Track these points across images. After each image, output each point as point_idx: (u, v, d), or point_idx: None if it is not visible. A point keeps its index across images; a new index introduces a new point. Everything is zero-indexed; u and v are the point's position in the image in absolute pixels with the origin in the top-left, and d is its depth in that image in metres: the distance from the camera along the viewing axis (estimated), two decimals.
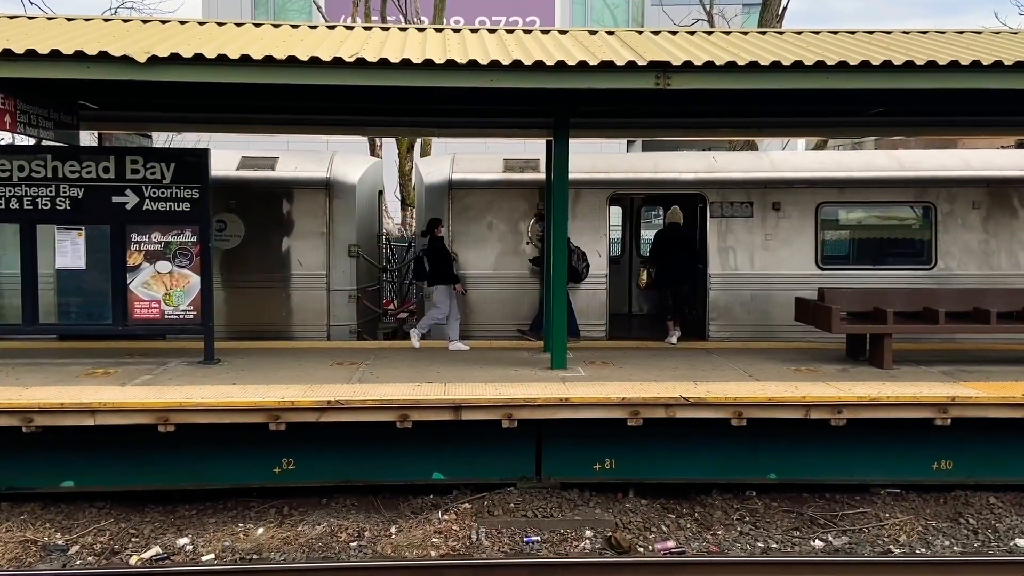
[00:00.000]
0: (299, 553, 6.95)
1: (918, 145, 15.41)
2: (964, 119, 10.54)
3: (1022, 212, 11.32)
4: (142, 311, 9.09)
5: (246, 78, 7.28)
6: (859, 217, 12.05)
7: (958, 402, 7.65)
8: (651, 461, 8.05)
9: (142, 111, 10.24)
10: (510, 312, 11.39)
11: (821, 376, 8.54)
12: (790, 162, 11.88)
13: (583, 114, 9.63)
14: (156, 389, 7.81)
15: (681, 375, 8.55)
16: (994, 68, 7.44)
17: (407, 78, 7.35)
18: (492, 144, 14.23)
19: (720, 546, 7.17)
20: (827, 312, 8.94)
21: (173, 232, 9.06)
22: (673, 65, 7.37)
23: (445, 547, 7.05)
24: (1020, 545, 7.22)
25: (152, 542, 7.17)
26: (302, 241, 11.41)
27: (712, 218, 11.34)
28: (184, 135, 16.81)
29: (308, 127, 10.91)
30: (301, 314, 11.40)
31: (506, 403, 7.52)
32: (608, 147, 20.46)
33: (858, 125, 11.00)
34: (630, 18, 29.57)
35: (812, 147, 19.47)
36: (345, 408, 7.41)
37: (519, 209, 11.42)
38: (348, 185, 11.62)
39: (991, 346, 10.40)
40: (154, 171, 8.99)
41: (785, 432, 7.89)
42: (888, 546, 7.21)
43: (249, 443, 7.75)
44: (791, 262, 11.29)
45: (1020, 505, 7.91)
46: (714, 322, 11.33)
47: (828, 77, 7.47)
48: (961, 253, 11.33)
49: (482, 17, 27.74)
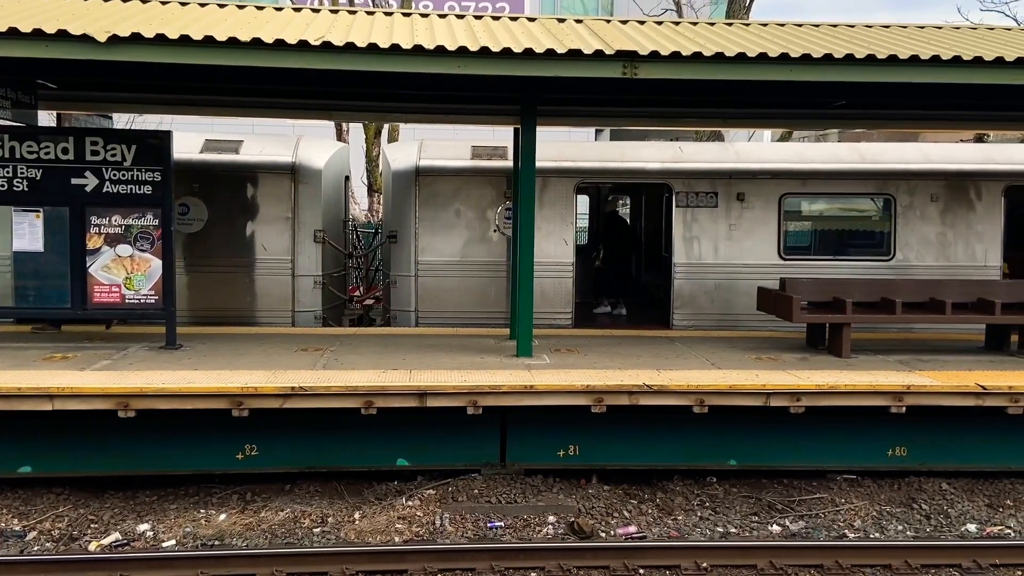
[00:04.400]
0: (262, 539, 6.92)
1: (880, 138, 15.68)
2: (924, 113, 10.71)
3: (978, 205, 11.57)
4: (102, 295, 8.95)
5: (210, 59, 7.17)
6: (821, 208, 12.23)
7: (913, 390, 7.83)
8: (614, 447, 8.14)
9: (103, 91, 10.05)
10: (477, 299, 11.39)
11: (781, 364, 8.68)
12: (754, 153, 12.01)
13: (551, 102, 9.64)
14: (116, 374, 7.70)
15: (645, 363, 8.64)
16: (953, 63, 7.59)
17: (374, 63, 7.29)
18: (460, 131, 14.16)
19: (680, 531, 7.28)
20: (788, 302, 9.08)
21: (134, 215, 8.92)
22: (640, 55, 7.41)
23: (409, 533, 7.07)
24: (971, 530, 7.42)
25: (112, 528, 7.10)
26: (267, 226, 11.30)
27: (677, 208, 11.44)
28: (145, 117, 16.52)
29: (273, 110, 10.79)
30: (265, 299, 11.31)
31: (471, 390, 7.54)
32: (576, 135, 20.50)
33: (821, 117, 11.16)
34: (599, 6, 29.59)
35: (777, 138, 19.69)
36: (309, 394, 7.38)
37: (487, 196, 11.41)
38: (314, 170, 11.52)
39: (946, 336, 10.65)
40: (115, 153, 8.83)
41: (745, 419, 8.02)
42: (843, 531, 7.38)
43: (211, 429, 7.68)
44: (754, 252, 11.44)
45: (971, 491, 8.13)
46: (678, 311, 11.45)
47: (792, 69, 7.56)
48: (919, 245, 11.57)
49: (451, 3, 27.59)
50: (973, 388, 7.84)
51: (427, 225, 11.36)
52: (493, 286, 11.39)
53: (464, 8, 26.72)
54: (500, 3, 28.24)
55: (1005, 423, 8.02)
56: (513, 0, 28.66)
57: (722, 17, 19.50)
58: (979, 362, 8.98)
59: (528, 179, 8.65)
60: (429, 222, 11.37)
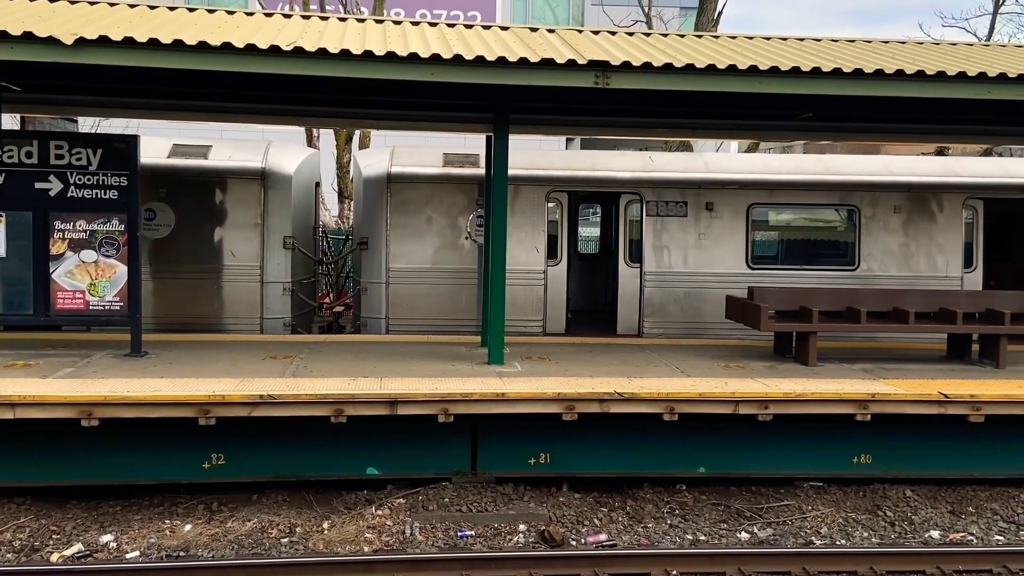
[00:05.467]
0: (228, 550, 6.82)
1: (844, 150, 15.94)
2: (888, 126, 10.92)
3: (940, 217, 11.82)
4: (65, 301, 8.79)
5: (178, 64, 7.09)
6: (788, 218, 12.42)
7: (878, 398, 7.95)
8: (585, 455, 8.16)
9: (68, 95, 9.87)
10: (449, 307, 11.38)
11: (750, 372, 8.77)
12: (723, 164, 12.16)
13: (523, 110, 9.67)
14: (80, 382, 7.56)
15: (615, 371, 8.68)
16: (917, 77, 7.74)
17: (346, 69, 7.26)
18: (432, 138, 14.14)
19: (650, 539, 7.31)
20: (756, 310, 9.19)
21: (99, 220, 8.78)
22: (612, 65, 7.48)
23: (378, 542, 7.02)
24: (934, 537, 7.54)
25: (74, 539, 6.96)
26: (235, 232, 11.19)
27: (648, 217, 11.54)
28: (112, 121, 16.25)
29: (243, 115, 10.68)
30: (233, 306, 11.19)
31: (443, 398, 7.52)
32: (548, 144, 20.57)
33: (788, 129, 11.32)
34: (570, 16, 29.79)
35: (745, 149, 19.94)
36: (278, 402, 7.31)
37: (459, 203, 11.42)
38: (284, 176, 11.44)
39: (910, 344, 10.84)
40: (80, 157, 8.69)
41: (715, 427, 8.09)
42: (810, 537, 7.46)
43: (177, 438, 7.57)
44: (723, 261, 11.57)
45: (934, 498, 8.27)
46: (648, 319, 11.53)
47: (761, 81, 7.67)
48: (883, 255, 11.78)
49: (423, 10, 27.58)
50: (936, 396, 7.98)
51: (398, 232, 11.33)
52: (465, 293, 11.38)
53: (436, 16, 26.75)
54: (472, 11, 28.30)
55: (967, 431, 8.17)
56: (485, 9, 28.75)
57: (691, 30, 19.74)
58: (941, 370, 9.15)
59: (500, 187, 8.67)
60: (400, 229, 11.33)
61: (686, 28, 24.08)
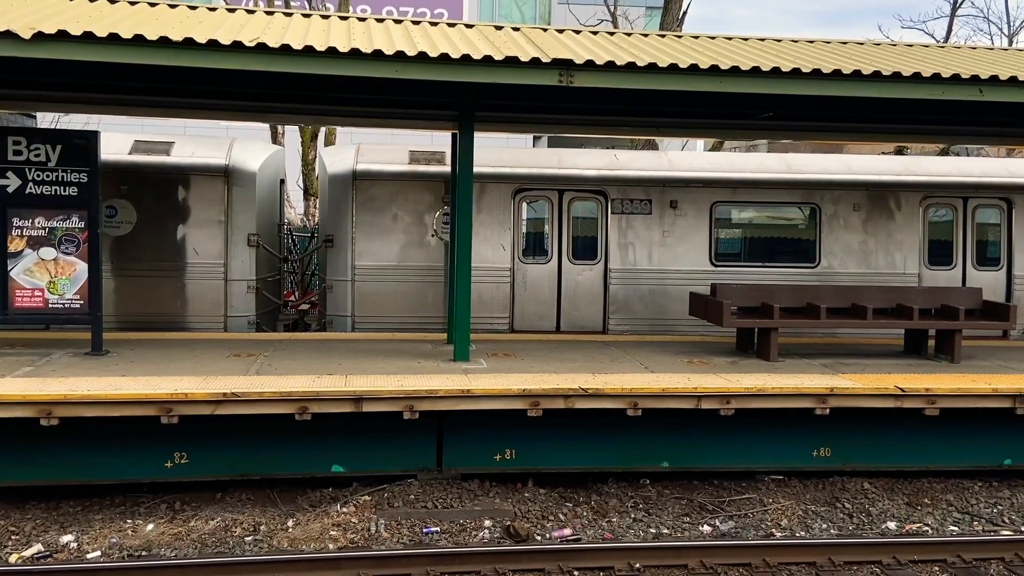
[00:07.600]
0: (191, 549, 6.78)
1: (806, 149, 16.19)
2: (847, 125, 11.10)
3: (898, 215, 12.06)
4: (24, 299, 8.65)
5: (140, 59, 7.01)
6: (750, 216, 12.58)
7: (836, 393, 8.11)
8: (550, 451, 8.22)
9: (26, 89, 9.69)
10: (415, 304, 11.37)
11: (712, 368, 8.89)
12: (687, 162, 12.29)
13: (489, 108, 9.69)
14: (39, 381, 7.45)
15: (580, 367, 8.75)
16: (873, 78, 7.90)
17: (310, 65, 7.23)
18: (398, 135, 14.11)
19: (615, 533, 7.39)
20: (719, 307, 9.32)
21: (59, 217, 8.65)
22: (576, 63, 7.53)
23: (344, 539, 7.01)
24: (891, 528, 7.72)
25: (34, 539, 6.86)
26: (199, 229, 11.08)
27: (613, 214, 11.63)
28: (71, 116, 16.00)
29: (207, 111, 10.55)
30: (197, 304, 11.08)
31: (408, 395, 7.53)
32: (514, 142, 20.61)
33: (751, 128, 11.44)
34: (536, 15, 29.83)
35: (709, 148, 20.15)
36: (242, 400, 7.26)
37: (425, 201, 11.41)
38: (248, 172, 11.35)
39: (868, 340, 11.06)
40: (38, 153, 8.56)
41: (678, 422, 8.19)
42: (771, 530, 7.59)
43: (139, 437, 7.50)
44: (687, 258, 11.70)
45: (891, 490, 8.46)
46: (613, 315, 11.63)
47: (722, 80, 7.77)
48: (843, 252, 11.99)
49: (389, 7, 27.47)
50: (893, 390, 8.16)
51: (364, 230, 11.30)
52: (431, 290, 11.38)
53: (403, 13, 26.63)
54: (439, 9, 28.25)
55: (922, 424, 8.37)
56: (452, 6, 28.71)
57: (656, 29, 19.89)
58: (898, 365, 9.35)
59: (466, 184, 8.69)
60: (366, 226, 11.30)
61: (652, 28, 24.26)
